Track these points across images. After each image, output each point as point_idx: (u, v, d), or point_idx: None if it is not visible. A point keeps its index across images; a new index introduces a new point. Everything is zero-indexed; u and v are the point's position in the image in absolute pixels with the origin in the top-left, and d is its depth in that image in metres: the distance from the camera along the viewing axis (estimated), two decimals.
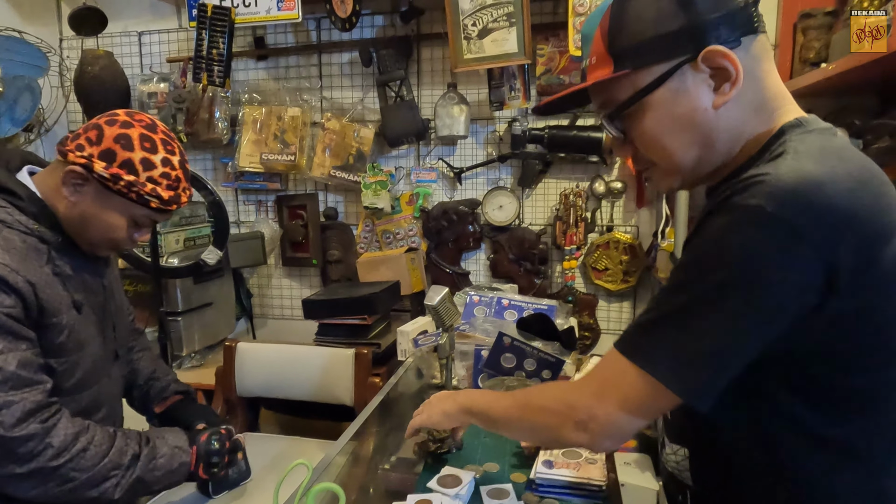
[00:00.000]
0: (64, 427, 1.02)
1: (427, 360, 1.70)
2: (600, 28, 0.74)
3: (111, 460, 1.05)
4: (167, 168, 1.10)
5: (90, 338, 1.15)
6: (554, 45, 2.13)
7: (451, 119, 2.22)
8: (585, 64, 0.78)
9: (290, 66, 2.48)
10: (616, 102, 0.74)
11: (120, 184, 1.05)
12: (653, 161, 0.78)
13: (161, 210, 1.13)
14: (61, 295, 1.07)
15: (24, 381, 0.98)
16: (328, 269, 2.55)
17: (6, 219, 1.04)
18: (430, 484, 1.09)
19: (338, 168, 2.39)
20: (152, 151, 1.07)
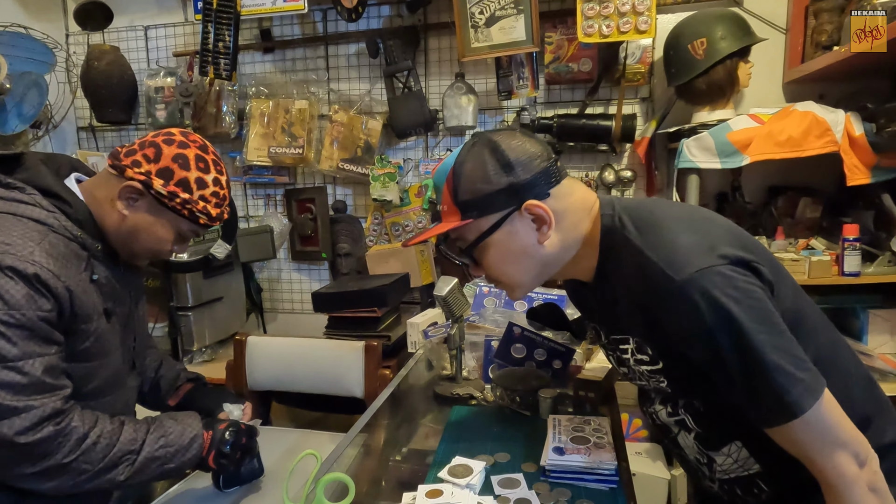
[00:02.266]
0: (77, 425, 1.03)
1: (437, 351, 1.70)
2: (447, 184, 0.91)
3: (120, 449, 1.07)
4: (217, 187, 1.16)
5: (113, 347, 1.16)
6: (562, 33, 2.10)
7: (459, 109, 2.20)
8: (440, 208, 0.95)
9: (297, 58, 2.48)
10: (467, 240, 0.93)
11: (176, 201, 1.10)
12: (497, 281, 0.97)
13: (207, 225, 1.18)
14: (95, 302, 1.09)
15: (46, 387, 0.99)
16: (337, 262, 2.55)
17: (53, 223, 1.06)
18: (441, 474, 1.08)
19: (346, 161, 2.39)
20: (206, 171, 1.13)
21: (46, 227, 1.05)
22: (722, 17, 1.82)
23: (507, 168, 0.87)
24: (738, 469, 0.92)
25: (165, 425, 1.15)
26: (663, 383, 0.91)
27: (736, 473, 0.92)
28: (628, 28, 1.84)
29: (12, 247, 0.98)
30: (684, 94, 1.95)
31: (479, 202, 0.88)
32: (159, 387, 1.44)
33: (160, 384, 1.45)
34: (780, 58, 2.04)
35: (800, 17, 1.94)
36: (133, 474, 1.09)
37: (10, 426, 0.96)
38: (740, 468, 0.91)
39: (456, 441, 1.27)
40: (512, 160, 0.88)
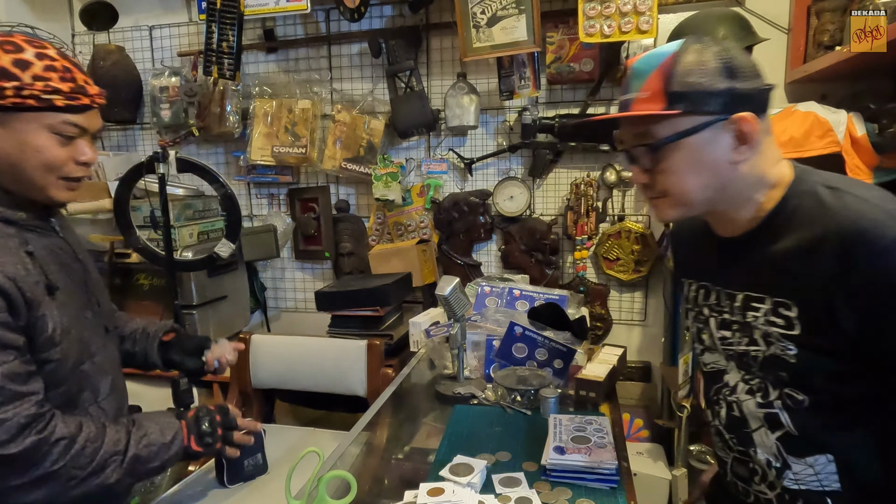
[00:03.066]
0: (60, 432, 0.99)
1: (439, 350, 1.71)
2: (661, 68, 0.83)
3: (106, 451, 1.05)
4: (45, 61, 0.96)
5: (74, 319, 1.08)
6: (564, 33, 2.11)
7: (461, 109, 2.21)
8: (632, 96, 0.85)
9: (300, 58, 2.49)
10: (654, 136, 0.84)
11: (7, 94, 0.92)
12: (666, 192, 0.88)
13: (73, 108, 0.98)
14: (38, 279, 1.00)
15: (13, 395, 0.94)
16: (340, 261, 2.56)
17: None
18: (443, 472, 1.09)
19: (349, 160, 2.40)
20: (19, 51, 0.95)
21: None
22: (724, 17, 1.82)
23: (732, 73, 0.81)
24: (815, 483, 0.87)
25: (144, 425, 1.14)
26: (790, 351, 0.83)
27: (808, 487, 0.88)
28: (630, 28, 1.84)
29: None
30: None
31: (694, 97, 0.81)
32: (147, 334, 1.40)
33: (147, 331, 1.41)
34: (782, 58, 2.03)
35: (802, 17, 1.94)
36: (123, 475, 1.07)
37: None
38: (817, 483, 0.87)
39: (457, 440, 1.28)
40: (738, 66, 0.81)
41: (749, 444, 0.94)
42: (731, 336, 0.92)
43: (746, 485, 0.97)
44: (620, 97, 0.89)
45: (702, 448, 2.02)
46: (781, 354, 0.84)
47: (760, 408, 0.90)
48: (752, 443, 0.93)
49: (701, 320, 1.00)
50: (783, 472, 0.90)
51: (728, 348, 0.93)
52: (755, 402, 0.90)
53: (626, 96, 0.86)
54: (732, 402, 0.95)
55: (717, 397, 0.98)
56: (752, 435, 0.93)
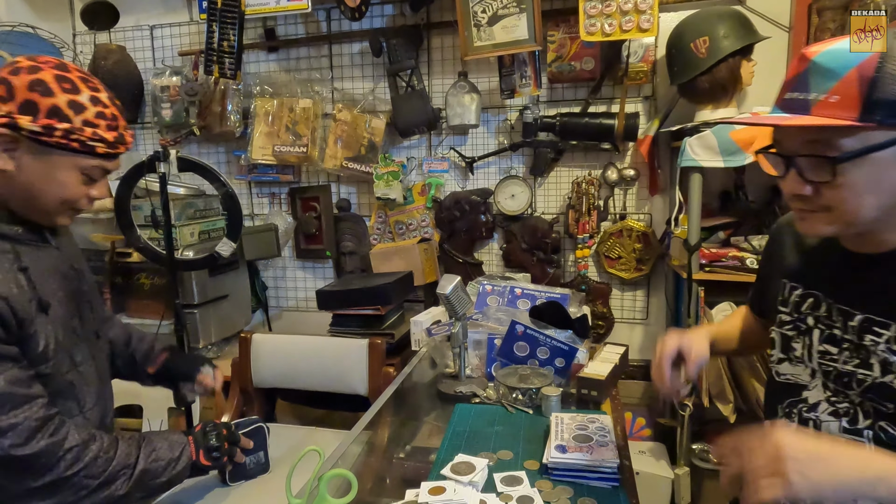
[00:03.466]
0: (73, 438, 1.01)
1: (440, 349, 1.70)
2: (859, 70, 0.71)
3: (119, 463, 1.06)
4: (99, 107, 0.99)
5: (66, 332, 1.09)
6: (564, 32, 2.10)
7: (462, 108, 2.21)
8: (812, 97, 0.74)
9: (301, 57, 2.49)
10: (838, 148, 0.73)
11: (56, 134, 0.95)
12: (829, 207, 0.77)
13: (109, 156, 1.03)
14: (30, 296, 1.00)
15: (19, 399, 0.95)
16: (342, 260, 2.56)
17: None
18: (444, 471, 1.09)
19: (350, 159, 2.40)
20: (75, 91, 0.96)
21: None
22: (724, 16, 1.82)
23: None
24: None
25: (154, 441, 1.16)
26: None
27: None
28: (630, 26, 1.84)
29: None
30: (687, 92, 1.95)
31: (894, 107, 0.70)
32: (134, 360, 1.43)
33: (135, 357, 1.42)
34: (783, 56, 2.03)
35: (803, 15, 1.94)
36: (131, 489, 1.08)
37: (2, 443, 0.94)
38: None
39: (459, 439, 1.28)
40: None
41: None
42: (838, 353, 0.85)
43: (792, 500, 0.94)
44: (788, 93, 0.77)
45: (704, 446, 2.02)
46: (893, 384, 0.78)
47: (845, 433, 0.84)
48: None
49: (800, 329, 0.92)
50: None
51: (828, 364, 0.87)
52: (840, 426, 0.85)
53: (802, 95, 0.75)
54: (809, 420, 0.89)
55: (790, 411, 0.93)
56: None
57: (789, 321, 0.94)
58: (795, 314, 0.93)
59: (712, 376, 1.81)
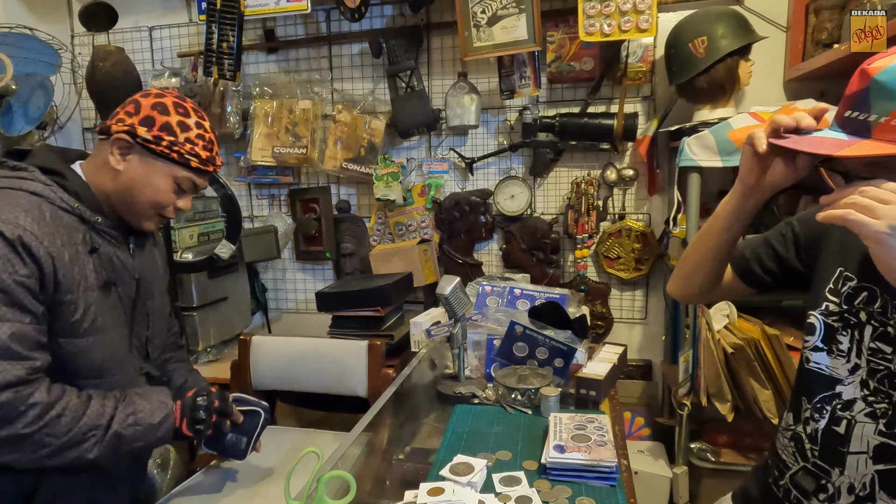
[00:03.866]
0: (40, 395, 1.01)
1: (440, 350, 1.71)
2: None
3: (86, 423, 1.05)
4: (201, 130, 1.18)
5: (112, 324, 1.15)
6: (564, 32, 2.11)
7: (461, 109, 2.21)
8: (875, 119, 0.72)
9: (301, 58, 2.49)
10: (894, 171, 0.72)
11: (162, 144, 1.13)
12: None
13: (200, 171, 1.20)
14: (87, 273, 1.09)
15: (11, 354, 0.98)
16: (342, 262, 2.56)
17: (49, 195, 1.08)
18: (443, 472, 1.09)
19: (349, 160, 2.40)
20: (186, 115, 1.17)
21: (41, 198, 1.06)
22: (722, 16, 1.82)
23: None
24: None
25: (135, 403, 1.14)
26: None
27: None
28: (629, 27, 1.84)
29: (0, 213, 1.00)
30: (685, 92, 1.95)
31: None
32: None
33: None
34: (780, 56, 2.03)
35: (800, 14, 1.94)
36: (104, 451, 1.08)
37: None
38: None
39: (458, 439, 1.28)
40: None
41: (837, 463, 0.88)
42: (891, 353, 0.82)
43: (804, 497, 0.92)
44: (848, 111, 0.74)
45: (703, 446, 2.02)
46: None
47: (881, 436, 0.83)
48: (843, 463, 0.87)
49: (849, 323, 0.89)
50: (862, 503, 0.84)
51: (878, 363, 0.84)
52: (876, 429, 0.83)
53: (862, 115, 0.73)
54: (842, 418, 0.87)
55: (822, 407, 0.91)
56: (846, 456, 0.86)
57: (837, 312, 0.91)
58: (847, 306, 0.89)
59: (711, 375, 1.81)
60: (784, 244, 1.03)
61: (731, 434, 1.99)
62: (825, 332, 0.92)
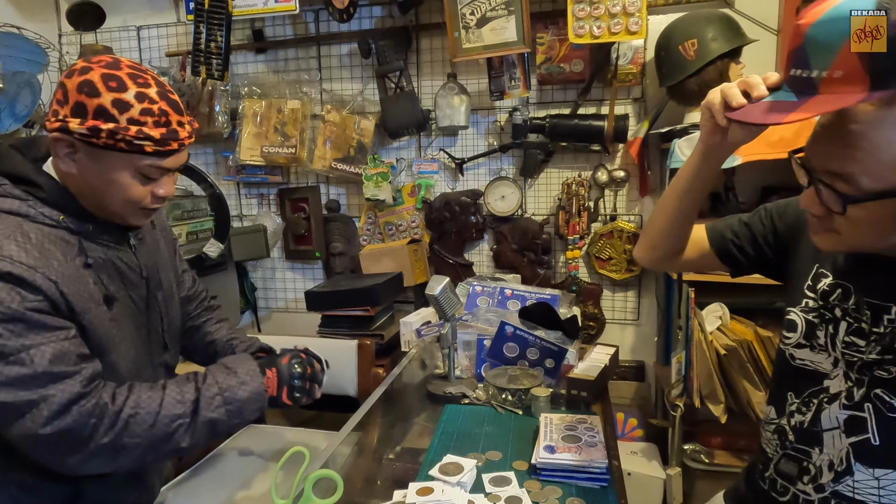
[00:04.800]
0: (107, 401, 0.95)
1: (430, 350, 1.70)
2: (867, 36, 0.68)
3: (165, 415, 0.99)
4: (145, 103, 0.95)
5: (126, 335, 1.07)
6: (554, 34, 2.11)
7: (451, 109, 2.21)
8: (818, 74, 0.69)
9: (289, 58, 2.48)
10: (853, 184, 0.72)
11: (102, 136, 0.93)
12: (837, 231, 0.78)
13: (161, 153, 0.99)
14: (90, 290, 0.99)
15: (59, 375, 0.91)
16: (331, 261, 2.55)
17: (28, 212, 0.96)
18: (432, 472, 1.09)
19: (339, 160, 2.39)
20: (122, 89, 0.94)
21: (20, 217, 0.95)
22: (713, 18, 1.83)
23: None
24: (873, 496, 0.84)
25: (219, 380, 1.05)
26: None
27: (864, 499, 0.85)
28: (619, 29, 1.85)
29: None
30: (676, 94, 1.96)
31: None
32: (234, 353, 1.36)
33: (235, 352, 1.37)
34: (771, 59, 2.05)
35: (791, 17, 1.95)
36: (197, 437, 1.01)
37: (33, 420, 0.89)
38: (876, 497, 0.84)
39: (448, 439, 1.28)
40: None
41: (814, 444, 0.90)
42: (864, 346, 0.85)
43: (789, 483, 0.94)
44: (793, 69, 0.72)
45: (696, 447, 2.02)
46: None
47: (845, 409, 0.85)
48: (819, 443, 0.89)
49: (825, 318, 0.91)
50: (842, 478, 0.86)
51: (852, 355, 0.86)
52: (840, 404, 0.86)
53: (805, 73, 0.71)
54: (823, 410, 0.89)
55: (809, 400, 0.92)
56: (821, 435, 0.89)
57: (815, 308, 0.93)
58: (823, 303, 0.91)
59: (703, 377, 1.81)
60: (763, 231, 1.04)
61: (724, 436, 2.00)
62: (806, 329, 0.93)
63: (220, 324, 1.44)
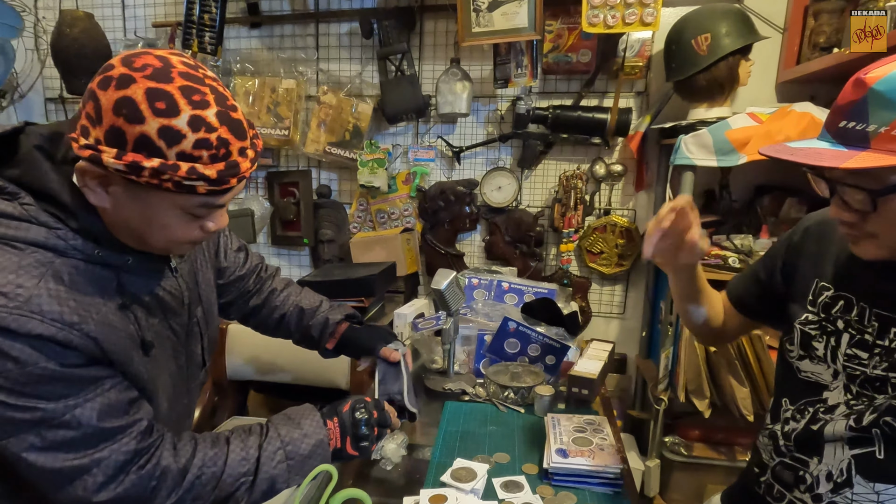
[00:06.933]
0: (167, 462, 0.85)
1: (428, 344, 1.66)
2: None
3: (230, 474, 0.90)
4: (201, 132, 0.74)
5: (164, 369, 0.95)
6: (563, 22, 2.05)
7: (453, 96, 2.15)
8: (874, 129, 0.70)
9: (286, 34, 2.37)
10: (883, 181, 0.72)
11: (144, 174, 0.73)
12: (875, 235, 0.78)
13: (216, 192, 0.79)
14: (131, 333, 0.85)
15: (110, 432, 0.80)
16: (320, 248, 2.47)
17: (58, 245, 0.78)
18: (444, 478, 1.05)
19: (333, 144, 2.31)
20: (170, 113, 0.73)
21: (49, 252, 0.78)
22: (727, 14, 1.80)
23: None
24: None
25: (281, 433, 0.95)
26: None
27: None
28: (634, 19, 1.80)
29: (2, 294, 0.72)
30: (683, 89, 1.93)
31: None
32: (311, 336, 1.32)
33: (311, 333, 1.32)
34: (775, 57, 2.03)
35: (798, 16, 1.93)
36: (257, 496, 0.93)
37: (85, 487, 0.79)
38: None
39: (452, 440, 1.24)
40: None
41: (813, 453, 0.90)
42: (867, 358, 0.85)
43: (786, 490, 0.94)
44: (843, 121, 0.73)
45: (675, 440, 2.03)
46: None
47: (851, 430, 0.85)
48: (820, 453, 0.89)
49: (826, 330, 0.91)
50: (841, 489, 0.86)
51: (854, 368, 0.86)
52: (846, 425, 0.85)
53: (860, 126, 0.71)
54: (821, 419, 0.89)
55: (805, 408, 0.93)
56: (822, 445, 0.88)
57: (815, 321, 0.93)
58: (825, 315, 0.91)
59: (691, 372, 1.82)
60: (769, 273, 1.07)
61: (702, 428, 2.01)
62: (801, 338, 0.95)
63: (284, 293, 1.33)
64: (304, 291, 1.37)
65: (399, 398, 1.16)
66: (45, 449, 0.77)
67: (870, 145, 0.70)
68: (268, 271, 1.36)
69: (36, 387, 0.75)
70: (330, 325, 1.32)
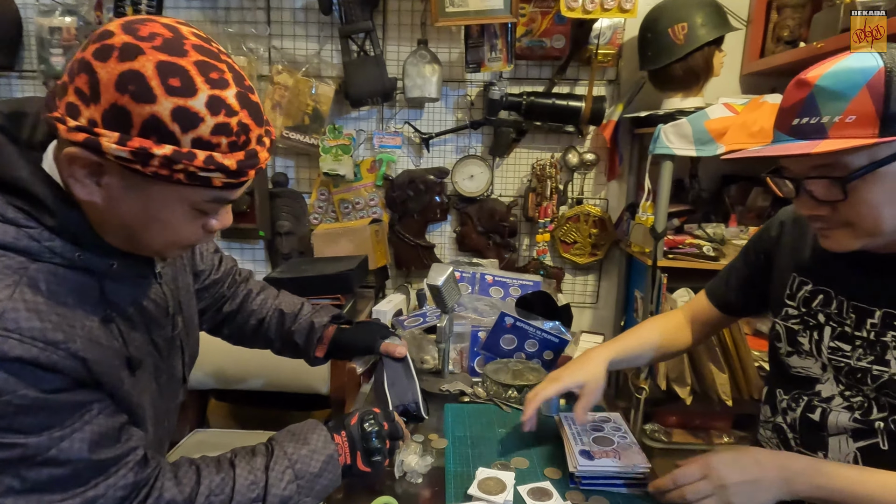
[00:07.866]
0: (171, 494, 0.76)
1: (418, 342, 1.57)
2: (869, 87, 0.72)
3: (240, 500, 0.81)
4: (220, 115, 0.63)
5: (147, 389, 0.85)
6: (536, 6, 1.99)
7: (422, 79, 2.04)
8: (829, 119, 0.74)
9: (232, 7, 2.16)
10: (846, 168, 0.74)
11: (153, 163, 0.62)
12: (850, 223, 0.79)
13: (232, 186, 0.69)
14: (117, 350, 0.75)
15: (102, 466, 0.70)
16: (277, 241, 2.30)
17: (30, 247, 0.66)
18: (471, 490, 0.98)
19: (290, 129, 2.14)
20: (186, 92, 0.61)
21: (21, 255, 0.66)
22: (702, 4, 1.81)
23: None
24: None
25: (287, 451, 0.87)
26: None
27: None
28: (612, 5, 1.77)
29: None
30: (658, 78, 1.93)
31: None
32: (295, 343, 1.20)
33: (294, 339, 1.19)
34: (739, 50, 2.08)
35: (762, 10, 1.98)
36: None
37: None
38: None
39: (463, 446, 1.17)
40: None
41: (819, 447, 0.91)
42: (850, 350, 0.87)
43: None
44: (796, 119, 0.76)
45: (655, 427, 2.07)
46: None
47: (856, 423, 0.87)
48: (824, 447, 0.91)
49: (808, 325, 0.93)
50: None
51: (839, 360, 0.89)
52: (851, 417, 0.87)
53: (814, 119, 0.75)
54: (817, 407, 0.91)
55: (799, 396, 0.95)
56: (827, 439, 0.90)
57: (796, 315, 0.96)
58: (805, 310, 0.94)
59: (673, 361, 1.84)
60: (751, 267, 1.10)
61: (680, 414, 2.05)
62: (788, 336, 0.97)
63: (261, 296, 1.22)
64: (281, 294, 1.26)
65: (414, 406, 1.07)
66: (27, 492, 0.65)
67: (828, 134, 0.74)
68: (241, 275, 1.24)
69: (14, 419, 0.63)
70: (317, 330, 1.20)
